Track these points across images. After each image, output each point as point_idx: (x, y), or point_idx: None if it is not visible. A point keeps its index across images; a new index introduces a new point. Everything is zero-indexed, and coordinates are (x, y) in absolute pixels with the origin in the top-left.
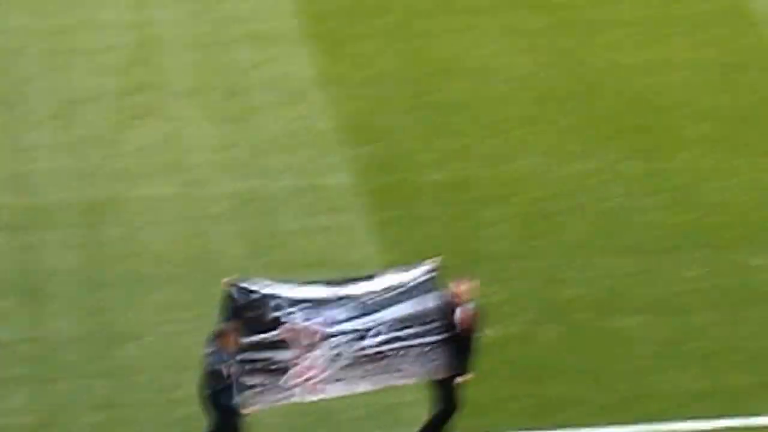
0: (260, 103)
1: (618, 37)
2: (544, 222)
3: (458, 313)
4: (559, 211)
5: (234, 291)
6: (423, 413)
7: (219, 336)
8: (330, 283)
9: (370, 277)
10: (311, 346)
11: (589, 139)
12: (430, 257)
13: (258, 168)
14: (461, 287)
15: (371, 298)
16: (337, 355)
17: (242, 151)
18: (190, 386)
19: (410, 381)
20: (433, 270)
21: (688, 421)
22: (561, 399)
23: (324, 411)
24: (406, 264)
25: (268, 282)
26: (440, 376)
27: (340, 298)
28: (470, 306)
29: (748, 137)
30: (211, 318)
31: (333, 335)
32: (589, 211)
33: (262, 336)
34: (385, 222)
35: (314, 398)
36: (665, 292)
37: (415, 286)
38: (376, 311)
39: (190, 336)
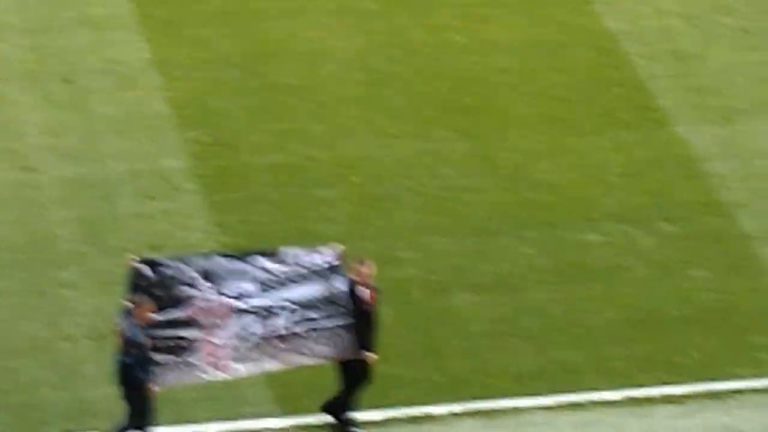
0: (95, 88)
1: (450, 17)
2: (379, 202)
3: (362, 293)
4: (394, 191)
5: (143, 267)
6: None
7: (135, 309)
8: (239, 255)
9: (276, 253)
10: (221, 324)
11: (422, 120)
12: (267, 239)
13: (94, 152)
14: (363, 268)
15: (279, 273)
16: (247, 333)
17: (78, 135)
18: (26, 372)
19: (319, 361)
20: (338, 255)
21: (525, 397)
22: (398, 378)
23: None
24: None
25: (177, 256)
26: (349, 356)
27: (249, 271)
28: (372, 286)
29: (578, 116)
30: (48, 302)
31: (242, 312)
32: (423, 191)
33: (172, 313)
34: (222, 204)
35: (224, 377)
36: (500, 271)
37: (322, 268)
38: (284, 287)
39: (28, 322)
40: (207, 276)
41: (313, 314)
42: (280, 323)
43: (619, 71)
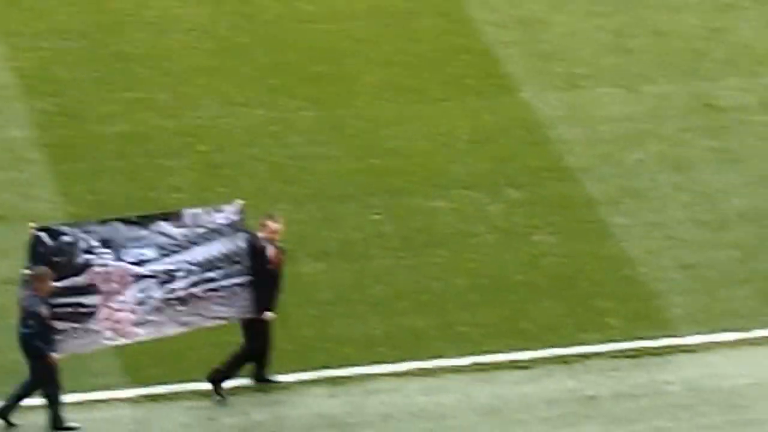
0: None
1: None
2: (226, 170)
3: (268, 251)
4: (241, 159)
5: (43, 235)
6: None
7: (34, 279)
8: (139, 221)
9: (177, 216)
10: (120, 289)
11: (270, 88)
12: (113, 208)
13: None
14: (270, 224)
15: (180, 236)
16: (147, 297)
17: None
18: None
19: (220, 322)
20: (239, 211)
21: (373, 364)
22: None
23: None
24: (210, 205)
25: (75, 223)
26: (250, 315)
27: (149, 236)
28: (278, 244)
29: (425, 83)
30: None
31: (142, 277)
32: (270, 159)
33: (71, 280)
34: (68, 174)
35: (125, 342)
36: (347, 238)
37: (223, 226)
38: (184, 250)
39: None
40: (106, 243)
41: (212, 274)
42: (180, 285)
43: (466, 38)
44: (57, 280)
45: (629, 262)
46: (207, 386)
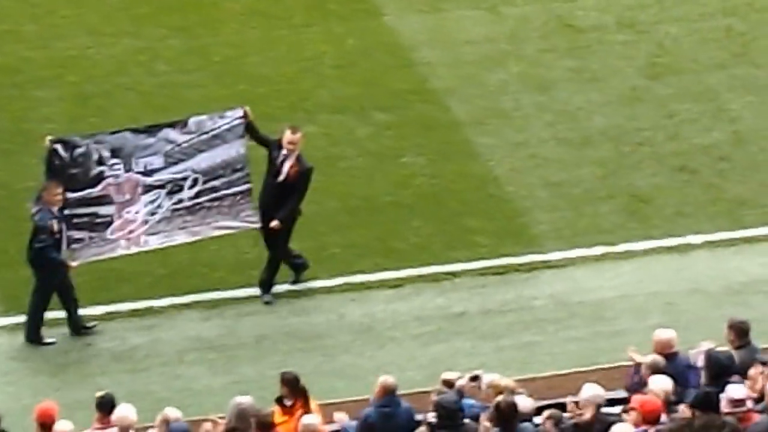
0: None
1: None
2: (97, 100)
3: (280, 162)
4: (111, 89)
5: (59, 147)
6: None
7: (44, 193)
8: (146, 129)
9: (183, 123)
10: (132, 200)
11: (134, 18)
12: None
13: None
14: (288, 136)
15: (185, 143)
16: (156, 207)
17: None
18: None
19: (227, 232)
20: (242, 116)
21: (246, 287)
22: (120, 272)
23: None
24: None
25: (89, 134)
26: (254, 226)
27: (156, 144)
28: (295, 156)
29: (288, 10)
30: None
31: (151, 187)
32: (139, 88)
33: (87, 191)
34: None
35: (138, 250)
36: None
37: (226, 132)
38: (190, 158)
39: None
40: (115, 153)
41: (215, 182)
42: (186, 195)
43: None
44: (73, 191)
45: (495, 181)
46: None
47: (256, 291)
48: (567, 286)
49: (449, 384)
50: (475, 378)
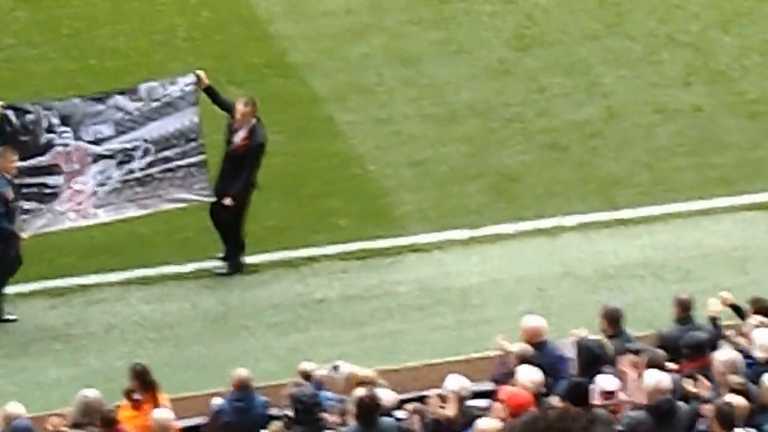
0: None
1: None
2: None
3: (234, 134)
4: None
5: (10, 113)
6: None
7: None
8: (96, 96)
9: (133, 90)
10: (80, 170)
11: None
12: None
13: None
14: (239, 106)
15: (136, 111)
16: (106, 178)
17: None
18: None
19: (180, 205)
20: (194, 82)
21: (95, 274)
22: None
23: None
24: (166, 77)
25: (38, 101)
26: (207, 199)
27: (106, 112)
28: (247, 127)
29: None
30: None
31: (100, 156)
32: None
33: (36, 160)
34: None
35: (87, 223)
36: None
37: (178, 99)
38: (141, 126)
39: None
40: (65, 120)
41: (167, 153)
42: (137, 166)
43: None
44: (23, 159)
45: (358, 159)
46: None
47: (106, 277)
48: (433, 270)
49: (306, 376)
50: (334, 368)
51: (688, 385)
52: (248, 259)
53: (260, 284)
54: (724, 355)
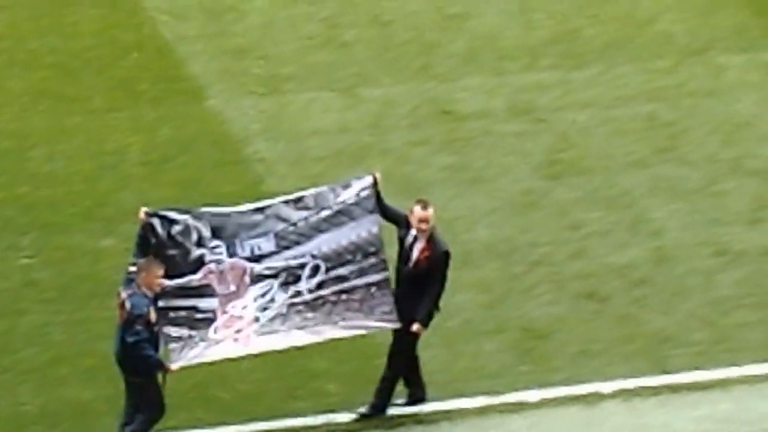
0: None
1: None
2: None
3: (414, 246)
4: None
5: (156, 222)
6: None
7: (141, 274)
8: (255, 207)
9: (297, 199)
10: (238, 292)
11: None
12: None
13: None
14: (417, 213)
15: (301, 222)
16: (268, 302)
17: None
18: None
19: (359, 332)
20: (370, 185)
21: None
22: None
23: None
24: (339, 180)
25: (186, 209)
26: (392, 326)
27: (265, 223)
28: (428, 236)
29: (85, 90)
30: None
31: (262, 276)
32: None
33: (186, 279)
34: None
35: (246, 353)
36: None
37: (352, 206)
38: (308, 240)
39: None
40: (216, 233)
41: (341, 271)
42: (305, 287)
43: (137, 32)
44: (170, 278)
45: None
46: None
47: None
48: None
49: None
50: None
51: None
52: None
53: None
54: None
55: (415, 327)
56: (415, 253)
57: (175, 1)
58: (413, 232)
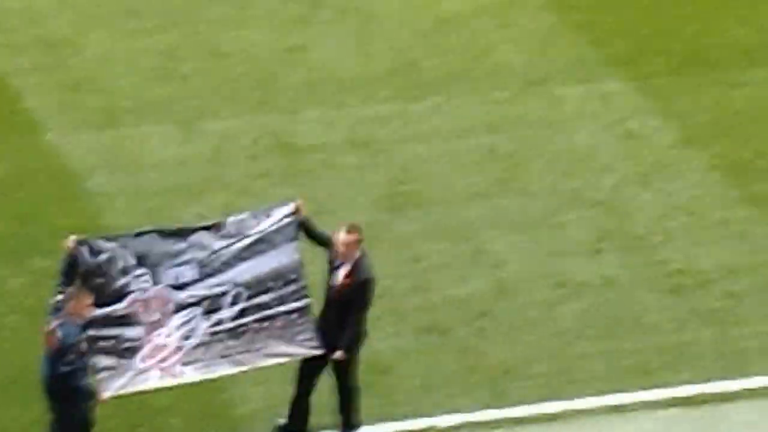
0: None
1: None
2: None
3: (338, 271)
4: None
5: (84, 250)
6: None
7: (71, 303)
8: (176, 232)
9: (219, 225)
10: (162, 320)
11: None
12: None
13: None
14: (341, 237)
15: (223, 250)
16: (191, 330)
17: None
18: None
19: (281, 360)
20: (292, 213)
21: None
22: None
23: None
24: (261, 207)
25: (112, 236)
26: (314, 352)
27: (187, 251)
28: (353, 262)
29: None
30: None
31: (185, 305)
32: None
33: (111, 308)
34: None
35: (173, 382)
36: None
37: (274, 233)
38: (229, 267)
39: None
40: (141, 261)
41: (263, 298)
42: (227, 315)
43: None
44: (97, 306)
45: None
46: None
47: None
48: None
49: None
50: None
51: None
52: None
53: None
54: None
55: (337, 354)
56: (339, 278)
57: (9, 34)
58: (338, 256)
